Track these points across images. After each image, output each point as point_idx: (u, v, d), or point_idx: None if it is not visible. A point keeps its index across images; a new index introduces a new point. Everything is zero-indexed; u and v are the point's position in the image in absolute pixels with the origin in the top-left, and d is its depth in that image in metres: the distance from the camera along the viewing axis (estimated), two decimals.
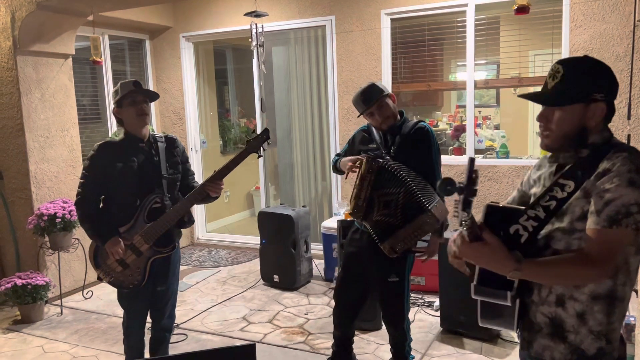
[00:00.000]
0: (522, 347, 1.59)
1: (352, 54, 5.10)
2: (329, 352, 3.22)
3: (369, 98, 2.74)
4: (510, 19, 4.93)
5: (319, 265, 4.96)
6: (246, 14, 4.81)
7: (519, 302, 1.46)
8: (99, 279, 2.84)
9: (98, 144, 2.75)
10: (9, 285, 4.03)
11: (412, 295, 4.07)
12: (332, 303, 4.29)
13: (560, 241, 1.44)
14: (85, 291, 4.66)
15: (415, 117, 2.90)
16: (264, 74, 5.53)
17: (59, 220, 4.19)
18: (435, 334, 3.67)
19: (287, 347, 3.58)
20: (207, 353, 1.93)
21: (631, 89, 4.01)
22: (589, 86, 1.44)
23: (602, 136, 1.47)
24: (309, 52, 5.55)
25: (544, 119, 1.50)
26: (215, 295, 4.63)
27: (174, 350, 3.47)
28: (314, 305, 4.30)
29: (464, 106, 5.17)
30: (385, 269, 2.76)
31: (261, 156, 2.77)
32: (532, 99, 1.54)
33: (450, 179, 1.36)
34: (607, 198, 1.34)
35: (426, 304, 4.14)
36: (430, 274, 4.18)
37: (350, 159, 2.80)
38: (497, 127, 5.89)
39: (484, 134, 5.32)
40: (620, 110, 3.99)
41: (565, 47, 4.30)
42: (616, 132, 3.92)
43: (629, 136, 3.98)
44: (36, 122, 4.46)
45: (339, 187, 5.37)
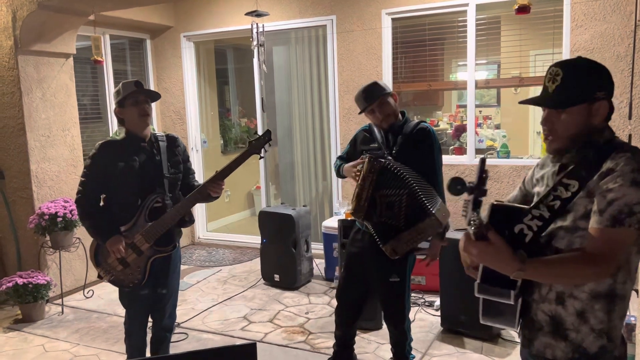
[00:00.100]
0: (523, 345, 1.59)
1: (352, 53, 5.10)
2: (330, 351, 3.22)
3: (370, 95, 2.75)
4: (511, 18, 4.93)
5: (319, 265, 4.96)
6: (247, 14, 4.82)
7: (520, 300, 1.46)
8: (99, 277, 2.84)
9: (100, 142, 2.74)
10: (10, 285, 4.04)
11: (413, 294, 4.06)
12: (332, 302, 4.29)
13: (562, 239, 1.45)
14: (86, 290, 4.67)
15: (416, 117, 2.90)
16: (264, 74, 5.53)
17: (60, 219, 4.20)
18: (436, 333, 3.68)
19: (288, 347, 3.58)
20: (208, 352, 1.93)
21: (632, 88, 4.01)
22: (590, 86, 1.45)
23: (605, 135, 1.48)
24: (309, 51, 5.55)
25: (548, 122, 1.50)
26: (216, 294, 4.63)
27: (174, 349, 3.47)
28: (314, 305, 4.31)
29: (464, 106, 5.17)
30: (386, 269, 2.76)
31: (263, 157, 2.77)
32: (535, 103, 1.54)
33: (460, 179, 1.36)
34: (610, 197, 1.34)
35: (427, 304, 4.15)
36: (430, 274, 4.18)
37: (352, 164, 2.79)
38: (497, 127, 5.88)
39: (485, 133, 5.32)
40: (621, 110, 3.99)
41: (566, 47, 4.29)
42: (617, 131, 3.92)
43: (630, 136, 3.98)
44: (37, 122, 4.46)
45: (340, 187, 5.38)
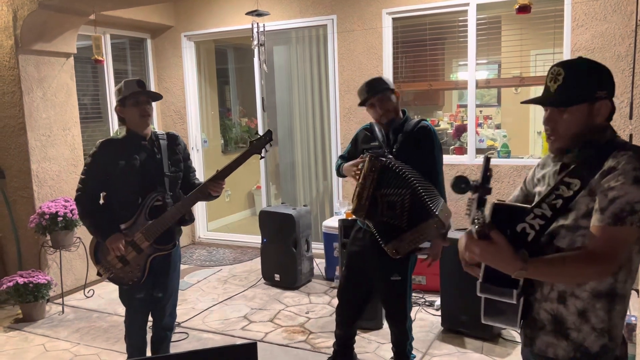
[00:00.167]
0: (524, 345, 1.59)
1: (353, 53, 5.10)
2: (330, 351, 3.22)
3: (372, 89, 2.76)
4: (511, 18, 4.93)
5: (320, 265, 4.96)
6: (247, 13, 4.82)
7: (522, 299, 1.46)
8: (99, 274, 2.84)
9: (100, 141, 2.74)
10: (10, 284, 4.04)
11: (413, 294, 4.06)
12: (333, 302, 4.29)
13: (564, 238, 1.45)
14: (87, 290, 4.67)
15: (416, 117, 2.89)
16: (265, 73, 5.53)
17: (61, 219, 4.20)
18: (436, 333, 3.68)
19: (288, 346, 3.59)
20: (209, 352, 1.93)
21: (633, 88, 4.00)
22: (591, 85, 1.45)
23: (606, 135, 1.48)
24: (310, 51, 5.55)
25: (550, 122, 1.50)
26: (217, 294, 4.63)
27: (175, 349, 3.47)
28: (314, 305, 4.31)
29: (465, 106, 5.17)
30: (388, 267, 2.75)
31: (263, 157, 2.78)
32: (537, 102, 1.54)
33: (465, 177, 1.36)
34: (612, 196, 1.34)
35: (427, 303, 4.15)
36: (431, 274, 4.18)
37: (352, 163, 2.79)
38: (498, 127, 5.88)
39: (485, 133, 5.31)
40: (622, 110, 3.98)
41: (566, 47, 4.29)
42: (618, 131, 3.89)
43: (630, 136, 3.98)
44: (38, 121, 4.46)
45: (340, 187, 5.38)
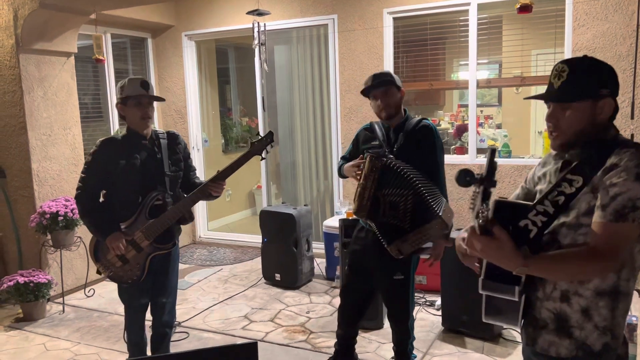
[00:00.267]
0: (526, 344, 1.59)
1: (354, 52, 5.10)
2: (331, 350, 3.22)
3: (379, 80, 2.75)
4: (512, 18, 4.92)
5: (320, 264, 4.96)
6: (248, 13, 4.82)
7: (524, 297, 1.46)
8: (98, 272, 2.85)
9: (100, 140, 2.74)
10: (11, 283, 4.04)
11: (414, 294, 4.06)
12: (333, 302, 4.29)
13: (565, 236, 1.45)
14: (87, 289, 4.67)
15: (417, 116, 2.89)
16: (266, 73, 5.53)
17: (61, 218, 4.20)
18: (437, 333, 3.67)
19: (289, 346, 3.58)
20: (209, 351, 1.93)
21: (634, 88, 4.00)
22: (595, 82, 1.45)
23: (609, 133, 1.48)
24: (311, 51, 5.55)
25: (553, 118, 1.50)
26: (217, 293, 4.63)
27: (175, 348, 3.47)
28: (315, 304, 4.30)
29: (466, 105, 5.16)
30: (390, 266, 2.74)
31: (264, 158, 2.79)
32: (541, 98, 1.54)
33: (469, 170, 1.36)
34: (614, 192, 1.34)
35: (428, 303, 4.14)
36: (431, 273, 4.18)
37: (353, 163, 2.78)
38: (499, 127, 5.87)
39: (486, 133, 5.31)
40: (624, 110, 3.98)
41: (567, 47, 4.28)
42: (619, 131, 3.92)
43: (632, 135, 3.98)
44: (38, 121, 4.47)
45: (341, 186, 5.37)
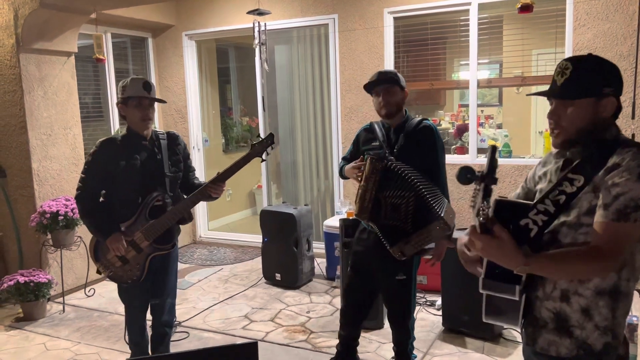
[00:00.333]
0: (526, 343, 1.58)
1: (354, 52, 5.10)
2: (331, 350, 3.22)
3: (384, 77, 2.75)
4: (513, 17, 4.92)
5: (321, 264, 4.96)
6: (249, 12, 4.81)
7: (524, 297, 1.45)
8: (98, 272, 2.86)
9: (100, 140, 2.75)
10: (11, 283, 4.04)
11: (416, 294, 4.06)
12: (334, 302, 4.29)
13: (566, 236, 1.44)
14: (88, 289, 4.67)
15: (418, 116, 2.88)
16: (266, 73, 5.52)
17: (62, 218, 4.20)
18: (437, 333, 3.67)
19: (289, 346, 3.58)
20: (209, 351, 1.93)
21: (635, 88, 4.00)
22: (598, 81, 1.45)
23: (611, 132, 1.47)
24: (311, 50, 5.55)
25: (555, 115, 1.50)
26: (217, 293, 4.63)
27: (175, 348, 3.47)
28: (315, 304, 4.30)
29: (466, 105, 5.15)
30: (393, 267, 2.73)
31: (265, 160, 2.80)
32: (543, 94, 1.54)
33: (470, 168, 1.35)
34: (616, 192, 1.34)
35: (428, 303, 4.14)
36: (432, 273, 4.17)
37: (353, 165, 2.79)
38: (499, 127, 5.87)
39: (487, 133, 5.30)
40: (624, 110, 3.96)
41: (568, 46, 4.28)
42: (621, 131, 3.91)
43: (633, 135, 3.98)
44: (39, 120, 4.46)
45: (341, 186, 5.37)
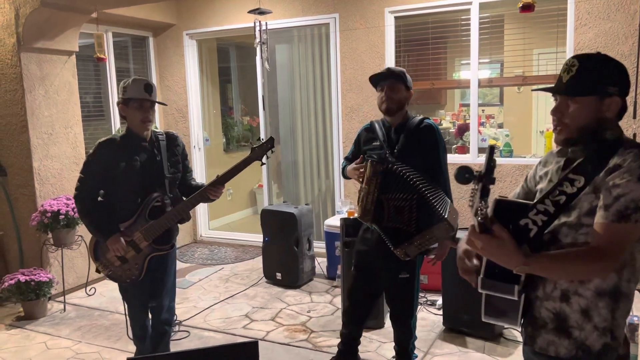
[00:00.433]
0: (525, 343, 1.58)
1: (355, 52, 5.09)
2: (332, 350, 3.22)
3: (391, 74, 2.75)
4: (514, 17, 4.91)
5: (321, 263, 4.96)
6: (250, 12, 4.81)
7: (523, 297, 1.45)
8: (97, 271, 2.88)
9: (100, 141, 2.75)
10: (12, 282, 4.05)
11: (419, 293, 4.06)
12: (334, 301, 4.29)
13: (566, 236, 1.44)
14: (88, 288, 4.68)
15: (419, 115, 2.88)
16: (267, 72, 5.52)
17: (62, 217, 4.20)
18: (438, 332, 3.67)
19: (290, 345, 3.58)
20: (210, 350, 1.93)
21: (636, 87, 3.99)
22: (603, 79, 1.44)
23: (613, 132, 1.47)
24: (312, 50, 5.54)
25: (557, 112, 1.50)
26: (218, 292, 4.64)
27: (176, 347, 3.48)
28: (316, 303, 4.30)
29: (467, 105, 5.15)
30: (396, 265, 2.73)
31: (264, 164, 2.81)
32: (547, 90, 1.54)
33: (468, 167, 1.36)
34: (616, 193, 1.34)
35: (429, 303, 4.14)
36: (433, 273, 4.17)
37: (354, 166, 2.79)
38: (500, 126, 5.86)
39: (488, 132, 5.30)
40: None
41: (569, 46, 4.27)
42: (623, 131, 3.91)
43: (634, 135, 3.97)
44: (40, 119, 4.47)
45: (342, 185, 5.37)
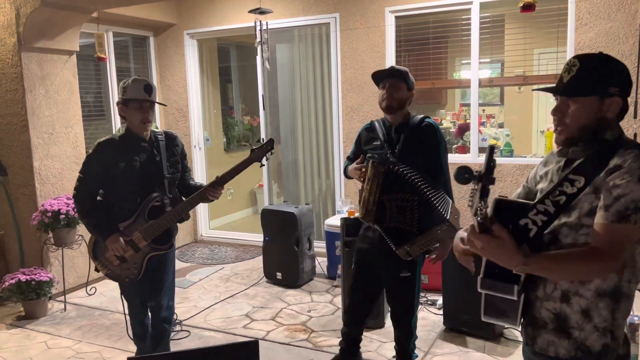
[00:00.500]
0: (525, 343, 1.58)
1: (356, 51, 5.09)
2: (332, 349, 3.22)
3: (395, 71, 2.75)
4: (515, 17, 4.91)
5: (322, 263, 4.96)
6: (250, 11, 4.81)
7: (523, 297, 1.45)
8: (97, 270, 2.90)
9: (99, 141, 2.76)
10: (13, 281, 4.05)
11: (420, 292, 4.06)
12: (335, 300, 4.29)
13: (567, 237, 1.44)
14: (89, 287, 4.68)
15: (420, 115, 2.89)
16: (267, 72, 5.52)
17: (63, 216, 4.20)
18: (438, 332, 3.67)
19: (290, 345, 3.58)
20: (211, 350, 1.93)
21: (637, 87, 3.99)
22: (603, 80, 1.44)
23: (614, 133, 1.47)
24: (313, 49, 5.54)
25: (558, 112, 1.50)
26: (219, 292, 4.64)
27: (176, 347, 3.48)
28: (316, 303, 4.30)
29: (468, 104, 5.15)
30: (397, 264, 2.73)
31: (263, 165, 2.81)
32: (548, 90, 1.54)
33: (468, 167, 1.36)
34: (617, 194, 1.34)
35: (429, 302, 4.14)
36: (433, 272, 4.17)
37: (355, 166, 2.79)
38: (501, 126, 5.86)
39: (488, 132, 5.29)
40: None
41: (570, 46, 4.27)
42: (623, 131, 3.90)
43: (635, 135, 3.97)
44: (40, 119, 4.47)
45: (342, 185, 5.37)
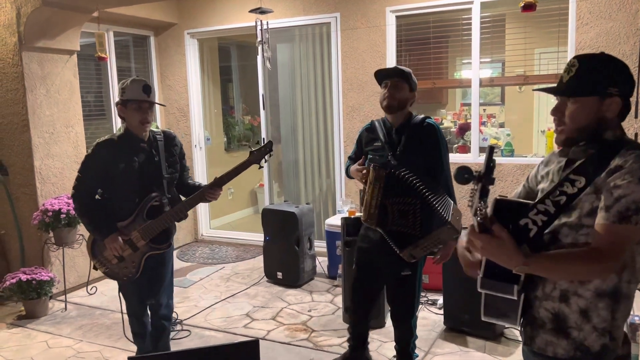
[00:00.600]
0: (524, 343, 1.59)
1: (356, 51, 5.09)
2: (332, 349, 3.22)
3: (398, 71, 2.75)
4: (515, 16, 4.91)
5: (322, 263, 4.96)
6: (251, 11, 4.81)
7: (523, 296, 1.45)
8: (95, 268, 2.90)
9: (98, 141, 2.77)
10: (13, 281, 4.05)
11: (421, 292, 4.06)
12: (335, 300, 4.29)
13: (567, 237, 1.44)
14: (89, 287, 4.68)
15: (421, 115, 2.89)
16: (268, 71, 5.52)
17: (64, 216, 4.20)
18: (439, 332, 3.67)
19: (291, 344, 3.58)
20: (211, 349, 1.93)
21: (638, 87, 3.98)
22: (603, 80, 1.43)
23: (615, 133, 1.47)
24: (313, 49, 5.54)
25: (558, 112, 1.50)
26: (219, 291, 4.64)
27: (177, 346, 3.48)
28: (317, 303, 4.30)
29: (468, 104, 5.15)
30: (398, 263, 2.73)
31: (262, 167, 2.81)
32: (547, 90, 1.54)
33: (467, 168, 1.36)
34: (617, 194, 1.33)
35: (430, 302, 4.14)
36: (434, 272, 4.17)
37: (356, 168, 2.80)
38: (502, 125, 5.86)
39: (489, 132, 5.29)
40: None
41: (571, 45, 4.27)
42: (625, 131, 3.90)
43: (636, 135, 3.96)
44: (41, 118, 4.47)
45: (343, 185, 5.37)
